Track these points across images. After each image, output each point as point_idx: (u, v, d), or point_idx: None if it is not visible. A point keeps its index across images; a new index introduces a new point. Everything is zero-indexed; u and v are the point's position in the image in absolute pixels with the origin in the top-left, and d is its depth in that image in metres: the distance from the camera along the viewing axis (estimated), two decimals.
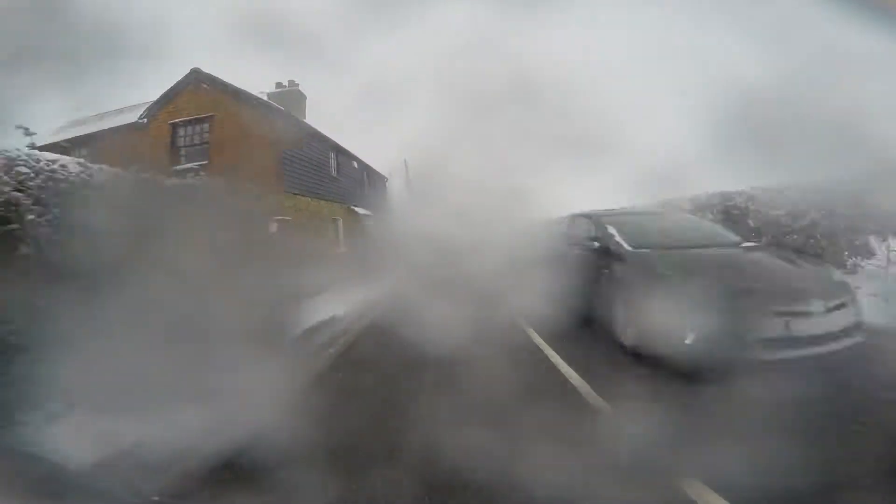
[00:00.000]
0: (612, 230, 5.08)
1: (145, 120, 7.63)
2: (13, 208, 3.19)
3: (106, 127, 7.50)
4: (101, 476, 2.30)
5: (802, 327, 3.51)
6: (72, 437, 2.64)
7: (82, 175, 3.81)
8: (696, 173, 6.88)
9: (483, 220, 6.62)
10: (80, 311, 2.92)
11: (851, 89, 3.99)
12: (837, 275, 4.34)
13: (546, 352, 4.54)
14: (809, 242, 6.51)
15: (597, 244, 5.16)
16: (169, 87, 7.65)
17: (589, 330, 4.95)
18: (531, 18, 6.30)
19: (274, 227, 6.39)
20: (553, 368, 4.08)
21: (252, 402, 2.95)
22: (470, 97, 6.92)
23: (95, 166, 4.03)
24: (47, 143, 5.77)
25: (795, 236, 6.61)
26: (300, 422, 2.66)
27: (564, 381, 3.74)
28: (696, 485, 2.25)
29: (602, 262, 4.94)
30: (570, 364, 4.08)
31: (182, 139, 7.72)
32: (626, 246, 4.78)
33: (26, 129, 4.31)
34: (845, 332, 3.64)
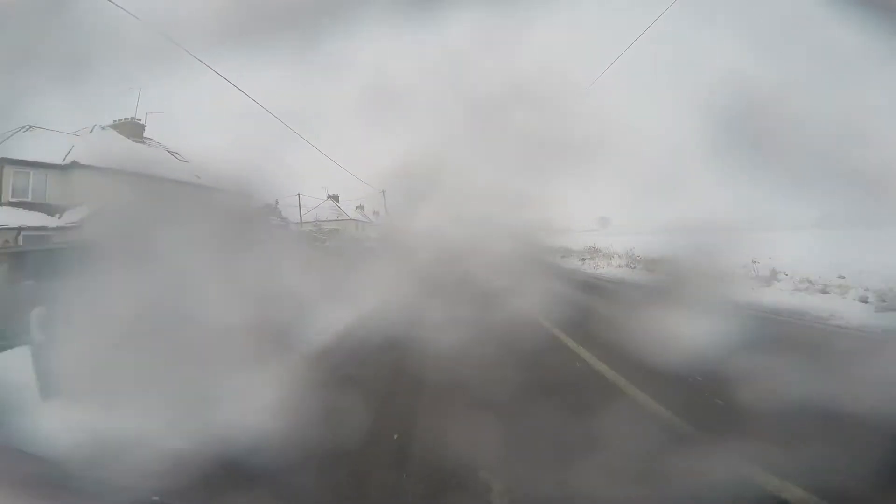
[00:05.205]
0: None
1: None
2: None
3: None
4: (101, 476, 2.29)
5: None
6: None
7: None
8: (696, 181, 6.81)
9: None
10: None
11: (851, 90, 4.00)
12: None
13: None
14: None
15: None
16: None
17: None
18: (526, 21, 6.31)
19: None
20: None
21: None
22: (465, 107, 6.93)
23: None
24: None
25: None
26: None
27: None
28: None
29: None
30: None
31: None
32: None
33: None
34: None
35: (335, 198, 13.73)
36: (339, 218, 13.74)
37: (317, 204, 13.26)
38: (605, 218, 13.62)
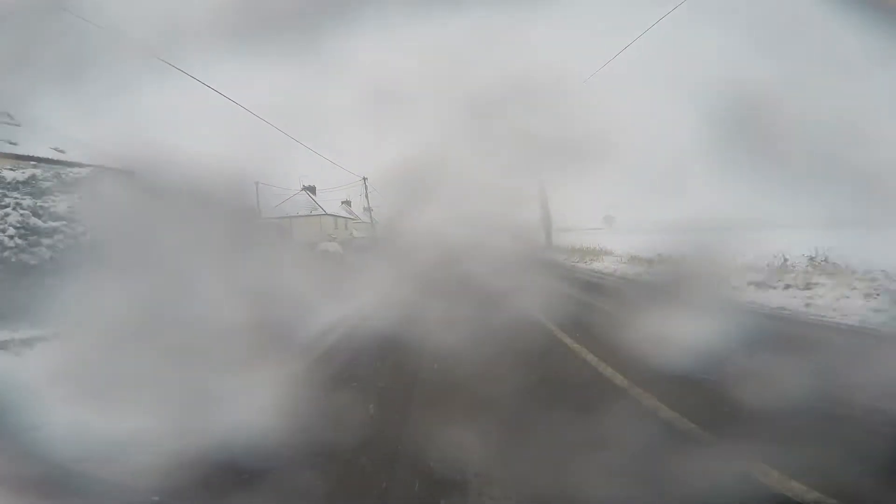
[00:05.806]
0: None
1: None
2: None
3: None
4: (101, 476, 2.29)
5: None
6: None
7: None
8: (699, 180, 6.75)
9: None
10: None
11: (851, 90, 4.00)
12: None
13: None
14: None
15: None
16: None
17: None
18: (528, 19, 6.30)
19: None
20: None
21: None
22: (465, 105, 6.92)
23: None
24: None
25: None
26: None
27: None
28: None
29: None
30: None
31: None
32: None
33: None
34: None
35: (311, 189, 11.78)
36: (313, 213, 11.70)
37: (290, 196, 11.31)
38: (610, 216, 13.59)
